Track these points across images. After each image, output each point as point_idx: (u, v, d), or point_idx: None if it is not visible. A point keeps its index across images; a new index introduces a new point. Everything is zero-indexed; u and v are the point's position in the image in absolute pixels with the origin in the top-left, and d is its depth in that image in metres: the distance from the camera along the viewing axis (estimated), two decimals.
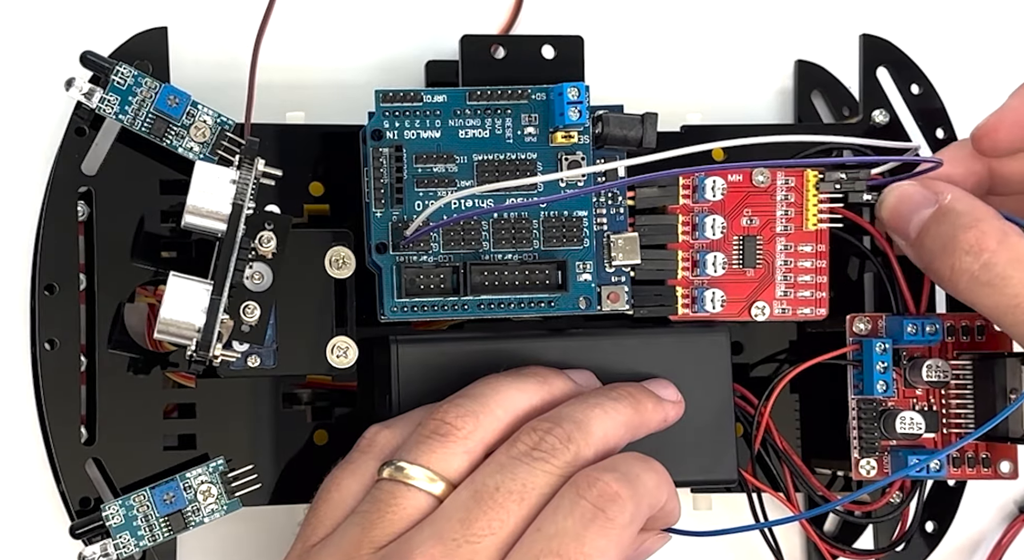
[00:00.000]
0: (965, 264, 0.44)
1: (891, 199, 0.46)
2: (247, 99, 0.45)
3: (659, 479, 0.42)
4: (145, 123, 0.45)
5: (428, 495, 0.41)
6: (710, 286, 0.48)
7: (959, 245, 0.44)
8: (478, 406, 0.42)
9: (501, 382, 0.43)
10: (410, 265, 0.45)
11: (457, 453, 0.41)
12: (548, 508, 0.40)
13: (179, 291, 0.42)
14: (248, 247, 0.43)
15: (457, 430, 0.41)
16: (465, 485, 0.41)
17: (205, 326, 0.42)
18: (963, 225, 0.44)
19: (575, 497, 0.40)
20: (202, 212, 0.43)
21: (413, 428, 0.42)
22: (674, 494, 0.43)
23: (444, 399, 0.43)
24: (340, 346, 0.46)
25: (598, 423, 0.42)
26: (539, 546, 0.39)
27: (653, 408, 0.44)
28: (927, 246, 0.45)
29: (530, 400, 0.43)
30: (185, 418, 0.47)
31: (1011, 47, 0.57)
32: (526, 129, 0.46)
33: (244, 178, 0.43)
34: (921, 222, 0.45)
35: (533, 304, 0.45)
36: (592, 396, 0.43)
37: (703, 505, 0.52)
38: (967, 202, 0.45)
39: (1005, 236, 0.44)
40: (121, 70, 0.45)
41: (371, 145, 0.45)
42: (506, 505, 0.40)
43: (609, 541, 0.40)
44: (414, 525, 0.40)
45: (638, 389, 0.45)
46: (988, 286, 0.44)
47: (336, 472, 0.43)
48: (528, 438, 0.41)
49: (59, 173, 0.46)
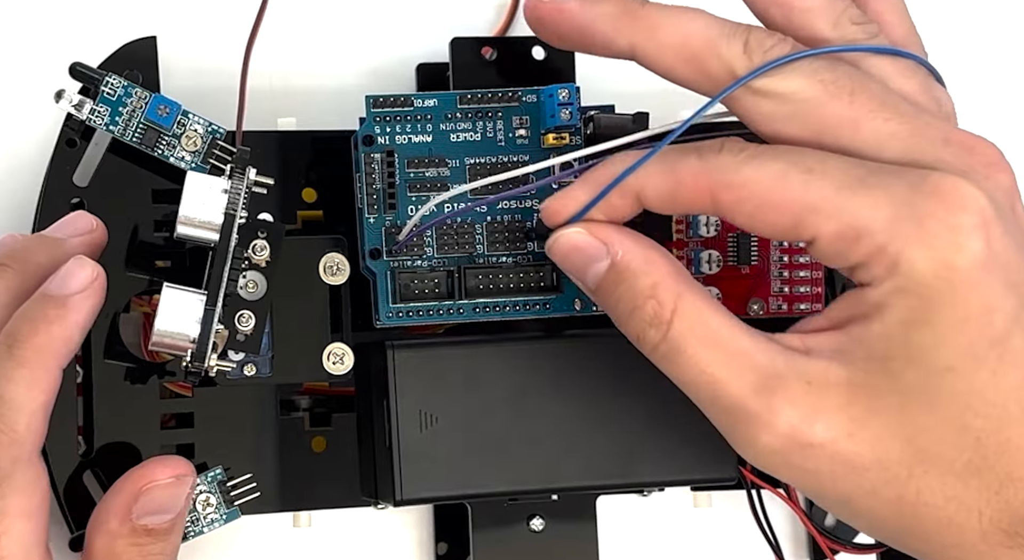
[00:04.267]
0: (650, 337, 0.39)
1: (559, 248, 0.41)
2: (238, 107, 0.45)
3: (25, 375, 0.40)
4: (136, 133, 0.45)
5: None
6: (706, 284, 0.48)
7: (641, 317, 0.40)
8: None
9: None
10: (404, 270, 0.45)
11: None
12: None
13: (173, 302, 0.42)
14: (241, 256, 0.43)
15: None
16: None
17: (200, 336, 0.42)
18: (641, 292, 0.40)
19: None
20: (195, 222, 0.43)
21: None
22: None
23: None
24: (336, 353, 0.46)
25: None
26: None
27: (45, 248, 0.42)
28: (610, 306, 0.41)
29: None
30: (183, 427, 0.47)
31: (1007, 44, 0.57)
32: (518, 131, 0.46)
33: (236, 187, 0.43)
34: (597, 277, 0.41)
35: (528, 306, 0.45)
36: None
37: (703, 503, 0.52)
38: (641, 258, 0.40)
39: (680, 299, 0.39)
40: (111, 81, 0.45)
41: (363, 151, 0.45)
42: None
43: (3, 499, 0.39)
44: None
45: (21, 244, 0.42)
46: (675, 364, 0.39)
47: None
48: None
49: (51, 184, 0.46)
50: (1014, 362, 0.37)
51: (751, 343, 0.39)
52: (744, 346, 0.39)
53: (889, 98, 0.39)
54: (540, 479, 0.45)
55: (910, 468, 0.37)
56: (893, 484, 0.37)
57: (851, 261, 0.38)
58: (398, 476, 0.44)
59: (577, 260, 0.41)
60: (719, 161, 0.39)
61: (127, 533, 0.41)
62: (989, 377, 0.37)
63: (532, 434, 0.45)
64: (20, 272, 0.41)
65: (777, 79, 0.39)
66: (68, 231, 0.43)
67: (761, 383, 0.38)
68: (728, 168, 0.39)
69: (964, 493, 0.37)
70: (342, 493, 0.48)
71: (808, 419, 0.37)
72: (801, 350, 0.39)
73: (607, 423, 0.46)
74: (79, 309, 0.41)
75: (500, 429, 0.45)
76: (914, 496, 0.37)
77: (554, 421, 0.45)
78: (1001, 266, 0.37)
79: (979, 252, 0.36)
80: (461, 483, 0.45)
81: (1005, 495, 0.37)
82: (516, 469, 0.45)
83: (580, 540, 0.49)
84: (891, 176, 0.37)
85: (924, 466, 0.37)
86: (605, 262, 0.40)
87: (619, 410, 0.45)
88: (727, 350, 0.39)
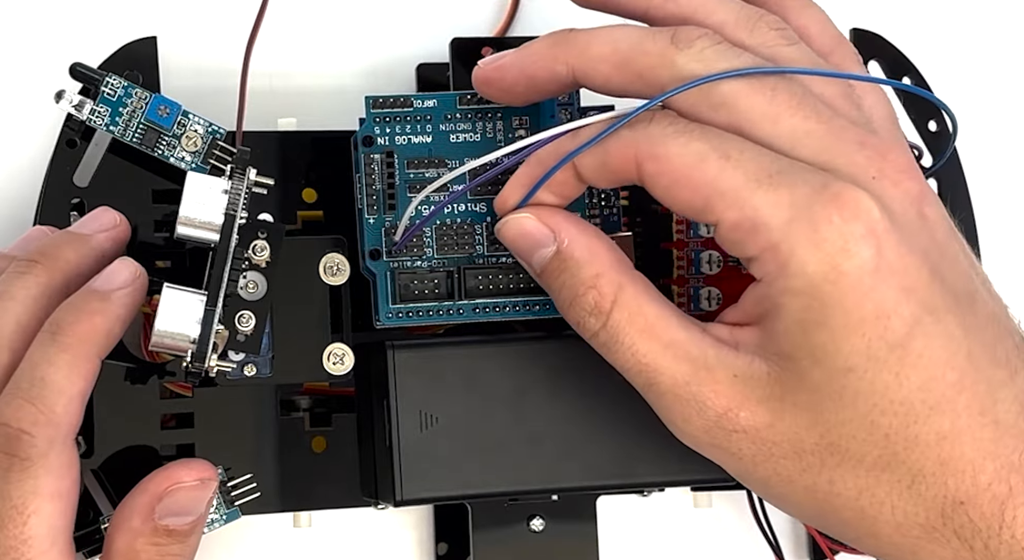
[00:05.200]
0: (590, 325, 0.42)
1: (507, 232, 0.43)
2: (238, 107, 0.45)
3: (67, 360, 0.40)
4: (136, 134, 0.45)
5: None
6: (706, 284, 0.48)
7: (582, 306, 0.41)
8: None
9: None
10: (404, 271, 0.45)
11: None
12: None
13: (173, 302, 0.42)
14: (242, 256, 0.43)
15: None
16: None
17: (200, 337, 0.42)
18: (583, 281, 0.41)
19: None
20: (195, 223, 0.43)
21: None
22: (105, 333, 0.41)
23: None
24: (336, 353, 0.46)
25: (4, 315, 0.41)
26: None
27: (73, 245, 0.43)
28: (553, 291, 0.43)
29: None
30: (183, 427, 0.47)
31: (1002, 39, 0.57)
32: (517, 132, 0.46)
33: (236, 188, 0.43)
34: (542, 262, 0.42)
35: (528, 307, 0.45)
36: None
37: (703, 503, 0.52)
38: (585, 248, 0.42)
39: (620, 290, 0.41)
40: (111, 81, 0.45)
41: (362, 151, 0.45)
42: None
43: (35, 478, 0.39)
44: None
45: (49, 241, 0.43)
46: (613, 352, 0.41)
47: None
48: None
49: (51, 184, 0.46)
50: (916, 364, 0.38)
51: (685, 335, 0.41)
52: (678, 338, 0.41)
53: (808, 99, 0.40)
54: (540, 479, 0.45)
55: (823, 459, 0.39)
56: (808, 473, 0.40)
57: (747, 253, 0.39)
58: (398, 476, 0.44)
59: (524, 244, 0.43)
60: (647, 132, 0.40)
61: (148, 532, 0.42)
62: (892, 378, 0.38)
63: (532, 434, 0.45)
64: (49, 268, 0.42)
65: (704, 69, 0.40)
66: (94, 227, 0.44)
67: (693, 373, 0.40)
68: (655, 140, 0.40)
69: (875, 486, 0.39)
70: (342, 493, 0.48)
71: (733, 409, 0.40)
72: (730, 344, 0.41)
73: (607, 423, 0.46)
74: (121, 303, 0.42)
75: (500, 429, 0.45)
76: (827, 486, 0.40)
77: (554, 421, 0.45)
78: (895, 272, 0.38)
79: (869, 259, 0.38)
80: (461, 483, 0.45)
81: (917, 489, 0.39)
82: (516, 469, 0.45)
83: (580, 540, 0.49)
84: (799, 176, 0.39)
85: (836, 458, 0.39)
86: (551, 248, 0.42)
87: (619, 410, 0.45)
88: (662, 341, 0.41)
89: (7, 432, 0.39)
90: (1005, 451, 0.38)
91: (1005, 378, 0.39)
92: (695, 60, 0.40)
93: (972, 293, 0.40)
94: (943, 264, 0.39)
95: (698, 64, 0.40)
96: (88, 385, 0.41)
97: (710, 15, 0.42)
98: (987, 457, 0.38)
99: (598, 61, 0.42)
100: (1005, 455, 0.38)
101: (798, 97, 0.40)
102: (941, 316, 0.39)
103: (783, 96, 0.40)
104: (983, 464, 0.38)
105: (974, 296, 0.40)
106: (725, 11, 0.42)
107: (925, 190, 0.40)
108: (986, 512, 0.38)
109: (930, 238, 0.40)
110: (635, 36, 0.41)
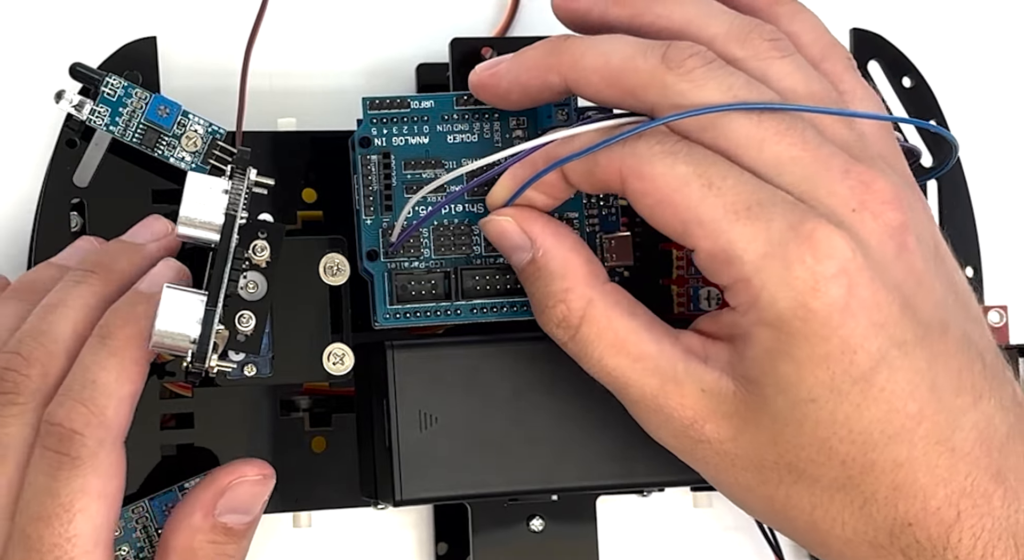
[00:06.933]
0: (559, 336, 0.43)
1: (490, 230, 0.44)
2: (238, 107, 0.45)
3: (117, 363, 0.41)
4: (136, 134, 0.45)
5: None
6: (705, 284, 0.48)
7: (550, 317, 0.43)
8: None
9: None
10: (401, 272, 0.45)
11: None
12: (30, 465, 0.40)
13: (173, 303, 0.42)
14: (242, 257, 0.43)
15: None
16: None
17: (200, 337, 0.42)
18: (553, 294, 0.42)
19: (41, 450, 0.40)
20: (195, 223, 0.43)
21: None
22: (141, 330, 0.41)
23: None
24: (336, 353, 0.46)
25: (62, 322, 0.42)
26: (25, 516, 0.39)
27: (127, 255, 0.44)
28: (528, 294, 0.44)
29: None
30: (183, 427, 0.47)
31: (1001, 39, 0.57)
32: (514, 133, 0.46)
33: (236, 188, 0.43)
34: (520, 264, 0.43)
35: (526, 307, 0.45)
36: (55, 291, 0.42)
37: (703, 503, 0.52)
38: (559, 259, 0.43)
39: (590, 305, 0.42)
40: (111, 81, 0.45)
41: (360, 152, 0.45)
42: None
43: (84, 477, 0.40)
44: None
45: (104, 251, 0.44)
46: (583, 362, 0.43)
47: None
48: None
49: (51, 185, 0.46)
50: (878, 397, 0.39)
51: (656, 349, 0.42)
52: (648, 351, 0.42)
53: (796, 124, 0.40)
54: (540, 479, 0.45)
55: (781, 475, 0.41)
56: (766, 485, 0.41)
57: (721, 281, 0.40)
58: (398, 476, 0.44)
59: (503, 244, 0.44)
60: (635, 149, 0.41)
61: (208, 529, 0.42)
62: (853, 409, 0.39)
63: (532, 434, 0.45)
64: (105, 278, 0.43)
65: (694, 89, 0.40)
66: (146, 236, 0.45)
67: (660, 387, 0.41)
68: (642, 158, 0.40)
69: (829, 504, 0.40)
70: (342, 493, 0.48)
71: (699, 421, 0.41)
72: (700, 356, 0.41)
73: (607, 423, 0.46)
74: None
75: (500, 429, 0.45)
76: (784, 498, 0.41)
77: (554, 421, 0.45)
78: (866, 308, 0.39)
79: (839, 298, 0.38)
80: (461, 483, 0.45)
81: (868, 510, 0.40)
82: (516, 469, 0.45)
83: (580, 540, 0.49)
84: (776, 210, 0.39)
85: (793, 476, 0.40)
86: (527, 254, 0.43)
87: (619, 410, 0.45)
88: (631, 355, 0.42)
89: (60, 432, 0.40)
90: (958, 477, 0.39)
91: (967, 405, 0.39)
92: (685, 80, 0.40)
93: (944, 322, 0.40)
94: (918, 295, 0.40)
95: (688, 85, 0.40)
96: (137, 387, 0.42)
97: (703, 29, 0.42)
98: (939, 483, 0.39)
99: (590, 73, 0.42)
100: (958, 481, 0.39)
101: (786, 122, 0.40)
102: (909, 350, 0.39)
103: (770, 121, 0.40)
104: (935, 490, 0.39)
105: (946, 324, 0.40)
106: (718, 23, 0.42)
107: (907, 220, 0.40)
108: (932, 534, 0.39)
109: (906, 270, 0.40)
110: (628, 51, 0.41)
